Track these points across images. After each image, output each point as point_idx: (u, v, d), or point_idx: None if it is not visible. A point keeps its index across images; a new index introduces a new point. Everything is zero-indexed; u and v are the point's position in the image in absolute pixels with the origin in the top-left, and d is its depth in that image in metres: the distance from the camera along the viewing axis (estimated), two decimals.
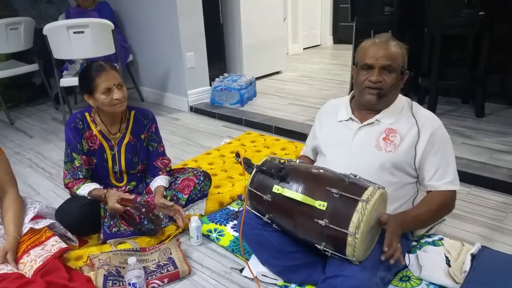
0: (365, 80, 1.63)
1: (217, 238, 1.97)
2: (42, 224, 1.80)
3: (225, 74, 4.41)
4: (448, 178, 1.64)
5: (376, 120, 1.69)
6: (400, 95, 1.73)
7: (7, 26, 3.89)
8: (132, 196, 1.94)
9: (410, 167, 1.65)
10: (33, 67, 4.20)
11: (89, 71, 1.88)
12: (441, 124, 1.67)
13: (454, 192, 1.67)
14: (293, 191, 1.47)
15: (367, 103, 1.67)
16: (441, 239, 1.81)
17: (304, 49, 7.09)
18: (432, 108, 3.25)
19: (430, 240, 1.81)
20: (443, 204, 1.64)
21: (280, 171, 1.53)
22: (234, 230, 2.00)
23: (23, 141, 3.54)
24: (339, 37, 7.48)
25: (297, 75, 5.31)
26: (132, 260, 1.57)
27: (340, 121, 1.78)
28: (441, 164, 1.64)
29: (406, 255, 1.62)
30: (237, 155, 1.71)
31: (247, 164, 1.69)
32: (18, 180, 2.67)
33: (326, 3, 7.24)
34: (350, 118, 1.75)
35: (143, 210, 1.90)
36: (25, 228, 1.76)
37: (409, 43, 1.67)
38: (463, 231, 1.97)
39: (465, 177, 2.30)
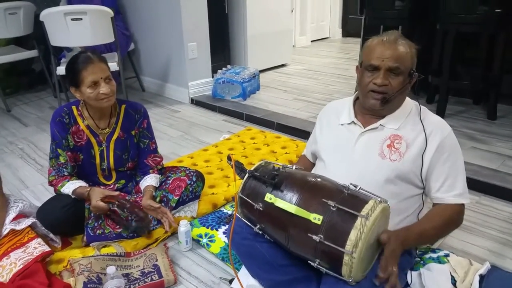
0: (369, 83, 1.49)
1: (207, 244, 1.86)
2: (24, 224, 1.72)
3: (228, 66, 4.29)
4: (456, 190, 1.51)
5: (380, 125, 1.55)
6: (407, 99, 1.59)
7: (6, 11, 3.80)
8: (117, 192, 1.83)
9: (416, 178, 1.52)
10: (33, 53, 4.11)
11: (75, 63, 1.76)
12: (451, 132, 1.54)
13: (462, 205, 1.54)
14: (287, 202, 1.35)
15: (371, 107, 1.54)
16: (447, 255, 1.69)
17: (311, 41, 6.94)
18: (441, 108, 3.14)
19: (434, 255, 1.69)
20: (450, 220, 1.50)
21: (274, 178, 1.41)
22: (225, 236, 1.89)
23: (18, 129, 3.44)
24: (348, 30, 7.32)
25: (303, 68, 5.17)
26: (111, 269, 1.46)
27: (342, 124, 1.65)
28: (449, 175, 1.51)
29: (408, 273, 1.50)
30: (229, 158, 1.58)
31: (239, 168, 1.57)
32: (8, 172, 2.62)
33: None
34: (353, 122, 1.62)
35: (128, 205, 1.79)
36: (6, 229, 1.68)
37: (419, 40, 1.53)
38: (470, 244, 1.85)
39: (475, 185, 2.18)
